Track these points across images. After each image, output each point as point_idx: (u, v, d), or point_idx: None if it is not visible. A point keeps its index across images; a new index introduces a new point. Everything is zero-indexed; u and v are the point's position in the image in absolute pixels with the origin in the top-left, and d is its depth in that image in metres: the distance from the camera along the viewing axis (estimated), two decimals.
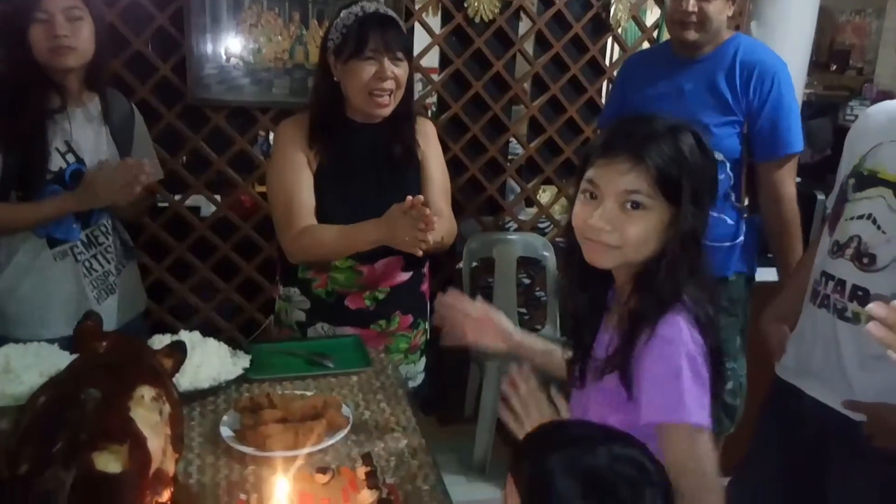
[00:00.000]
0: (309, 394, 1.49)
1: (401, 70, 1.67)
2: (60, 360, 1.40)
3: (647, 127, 1.07)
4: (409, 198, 1.55)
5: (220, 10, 2.57)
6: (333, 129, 1.72)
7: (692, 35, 1.98)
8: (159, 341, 1.55)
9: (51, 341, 1.52)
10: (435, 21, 2.84)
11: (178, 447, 1.10)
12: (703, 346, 1.03)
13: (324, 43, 1.72)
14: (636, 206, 1.05)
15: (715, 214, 2.01)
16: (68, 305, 1.69)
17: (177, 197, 2.69)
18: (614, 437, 0.85)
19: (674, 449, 0.98)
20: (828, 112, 5.32)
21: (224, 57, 2.61)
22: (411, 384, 1.93)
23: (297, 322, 1.83)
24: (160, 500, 0.96)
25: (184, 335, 1.60)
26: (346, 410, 1.43)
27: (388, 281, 1.79)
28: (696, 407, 0.99)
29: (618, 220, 1.06)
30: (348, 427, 1.38)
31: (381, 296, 1.80)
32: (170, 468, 1.02)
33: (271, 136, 2.97)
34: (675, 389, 0.99)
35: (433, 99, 3.11)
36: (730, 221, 2.07)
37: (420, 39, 2.77)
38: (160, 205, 2.77)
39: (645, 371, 1.02)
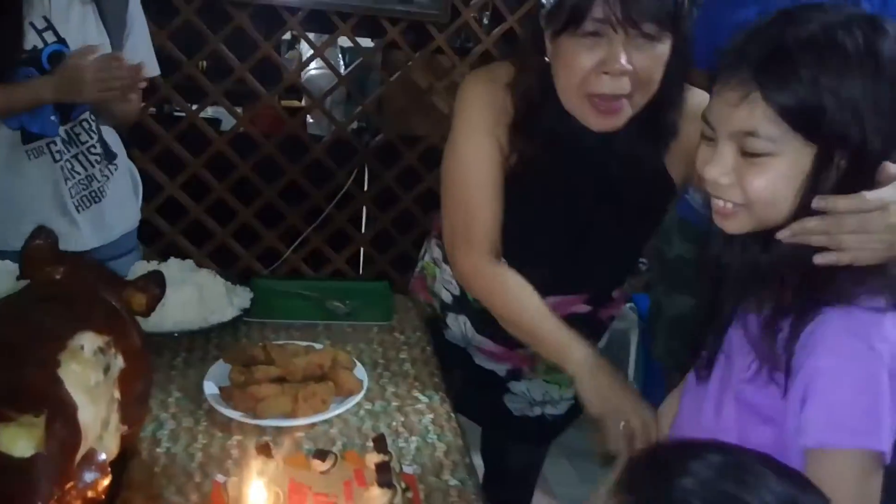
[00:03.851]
0: (318, 347, 1.21)
1: (647, 58, 1.01)
2: (20, 283, 1.15)
3: (783, 31, 0.75)
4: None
5: None
6: (542, 122, 1.13)
7: None
8: (142, 268, 1.29)
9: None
10: None
11: (133, 416, 0.83)
12: None
13: None
14: (754, 153, 0.76)
15: None
16: (44, 212, 1.43)
17: (194, 107, 2.40)
18: (774, 469, 0.59)
19: (841, 481, 0.70)
20: None
21: None
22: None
23: (441, 303, 1.39)
24: (90, 495, 0.69)
25: (173, 264, 1.34)
26: (360, 372, 1.16)
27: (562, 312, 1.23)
28: (888, 433, 0.72)
29: (738, 169, 0.77)
30: (362, 394, 1.11)
31: None
32: (110, 447, 0.76)
33: (303, 44, 2.66)
34: (869, 407, 0.71)
35: None
36: None
37: None
38: (175, 114, 2.50)
39: (823, 376, 0.73)
